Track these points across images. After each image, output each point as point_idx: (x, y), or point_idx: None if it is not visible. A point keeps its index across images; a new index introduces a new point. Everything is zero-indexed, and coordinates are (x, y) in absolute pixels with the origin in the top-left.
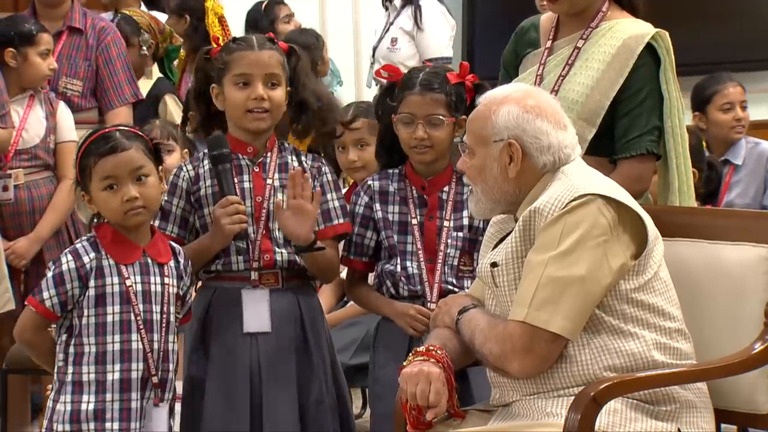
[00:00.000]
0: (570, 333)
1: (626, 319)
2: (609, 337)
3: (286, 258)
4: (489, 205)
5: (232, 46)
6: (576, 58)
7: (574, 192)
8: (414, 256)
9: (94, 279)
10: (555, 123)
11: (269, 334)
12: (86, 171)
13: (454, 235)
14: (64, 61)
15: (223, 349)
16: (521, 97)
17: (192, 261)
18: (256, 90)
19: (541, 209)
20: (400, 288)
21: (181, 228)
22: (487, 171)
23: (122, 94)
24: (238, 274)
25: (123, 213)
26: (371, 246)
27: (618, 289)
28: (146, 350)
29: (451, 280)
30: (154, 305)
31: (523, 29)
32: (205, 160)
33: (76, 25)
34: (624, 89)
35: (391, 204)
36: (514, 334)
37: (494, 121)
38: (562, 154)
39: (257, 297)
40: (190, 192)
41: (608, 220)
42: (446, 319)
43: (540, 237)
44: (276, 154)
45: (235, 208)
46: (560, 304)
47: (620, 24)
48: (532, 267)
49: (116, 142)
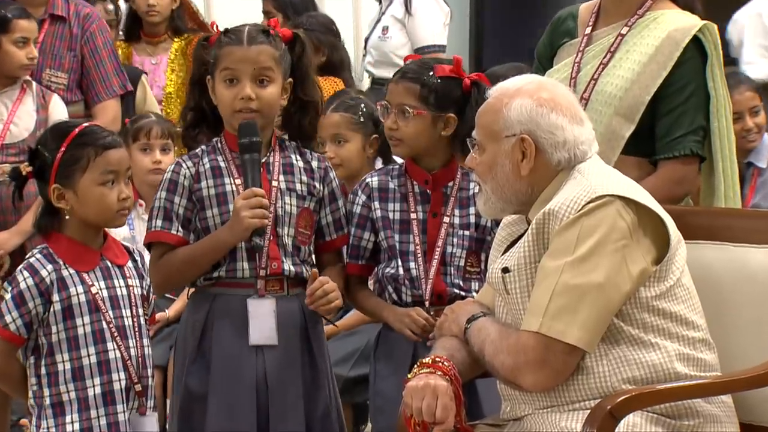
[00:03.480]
0: (587, 344)
1: (646, 329)
2: (628, 347)
3: (293, 269)
4: (499, 204)
5: (223, 39)
6: (618, 47)
7: (591, 192)
8: (415, 257)
9: (57, 292)
10: (571, 117)
11: (276, 346)
12: (78, 162)
13: (461, 234)
14: (48, 52)
15: (226, 362)
16: (535, 89)
17: (202, 259)
18: (244, 89)
19: (555, 211)
20: (402, 293)
21: (185, 228)
22: (498, 168)
23: (110, 86)
24: (242, 281)
25: (115, 211)
26: (368, 248)
27: (638, 297)
28: (124, 358)
29: (458, 282)
30: (124, 310)
31: (560, 19)
32: (205, 158)
33: (58, 12)
34: (667, 85)
35: (391, 201)
36: (527, 346)
37: (506, 114)
38: (578, 151)
39: (264, 307)
40: (191, 191)
41: (628, 223)
42: (454, 327)
43: (555, 241)
44: (279, 153)
45: (258, 201)
46: (577, 314)
47: (666, 15)
48: (546, 273)
49: (113, 137)
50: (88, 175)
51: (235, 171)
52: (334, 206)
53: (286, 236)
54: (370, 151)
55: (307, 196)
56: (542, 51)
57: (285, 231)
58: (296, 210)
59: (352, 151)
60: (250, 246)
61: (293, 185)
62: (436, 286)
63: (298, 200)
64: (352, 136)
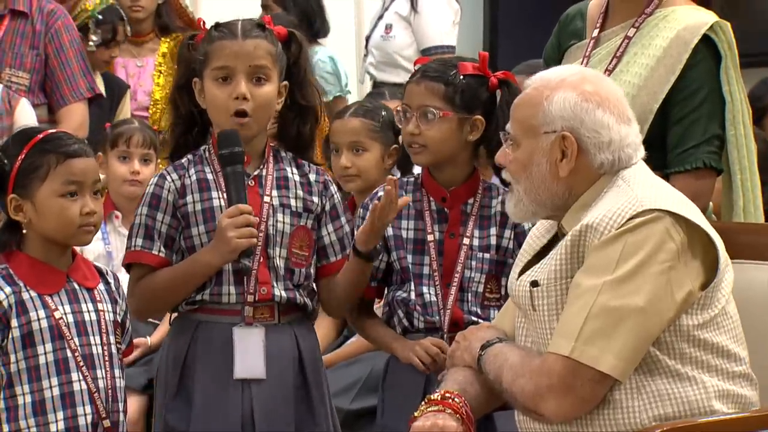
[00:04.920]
0: (621, 373)
1: (684, 361)
2: (664, 380)
3: (285, 295)
4: (531, 207)
5: (213, 34)
6: (625, 51)
7: (638, 205)
8: (431, 280)
9: (16, 317)
10: (618, 115)
11: (264, 380)
12: (37, 171)
13: (480, 257)
14: (7, 50)
15: (209, 398)
16: (578, 82)
17: (183, 283)
18: (238, 87)
19: (595, 226)
20: (414, 319)
21: (167, 248)
22: (534, 167)
23: (76, 88)
24: (228, 307)
25: (77, 227)
26: (380, 269)
27: (678, 325)
28: (91, 390)
29: (475, 310)
30: (92, 337)
31: (568, 18)
32: (191, 169)
33: (19, 7)
34: (677, 90)
35: (405, 219)
36: (553, 370)
37: (547, 108)
38: (623, 154)
39: (251, 337)
40: (176, 206)
41: (677, 244)
42: (466, 356)
43: (593, 257)
44: (272, 166)
45: (245, 219)
46: (613, 340)
47: (677, 12)
48: (581, 292)
49: (80, 145)
50: (47, 185)
51: (224, 184)
52: (337, 224)
53: (278, 258)
54: (389, 162)
55: (303, 212)
56: (550, 53)
57: (276, 252)
58: (290, 228)
59: (370, 162)
60: (237, 268)
61: (287, 201)
62: (454, 314)
63: (292, 217)
64: (371, 145)
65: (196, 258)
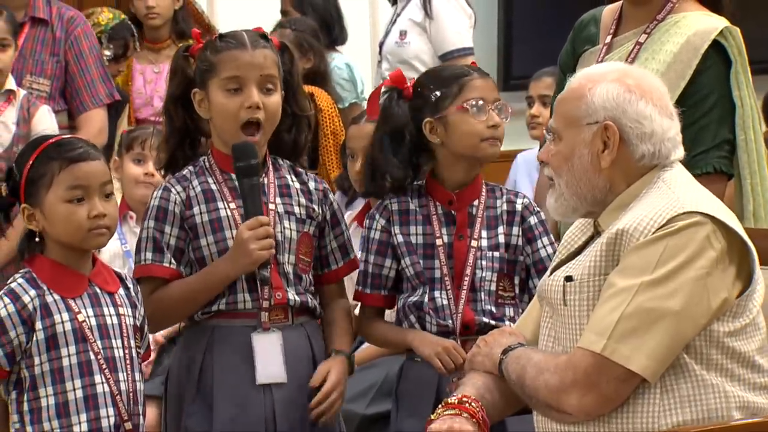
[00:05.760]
0: (651, 374)
1: (710, 367)
2: (689, 385)
3: (297, 299)
4: (572, 201)
5: (219, 44)
6: (636, 56)
7: (678, 207)
8: (442, 284)
9: (40, 320)
10: (661, 108)
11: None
12: (42, 179)
13: (489, 256)
14: (28, 57)
15: (231, 402)
16: (621, 76)
17: (200, 294)
18: (251, 97)
19: (633, 228)
20: (427, 323)
21: (177, 260)
22: (576, 158)
23: (96, 94)
24: (243, 311)
25: (86, 231)
26: (391, 277)
27: (710, 330)
28: (114, 393)
29: (489, 309)
30: (114, 340)
31: (582, 23)
32: (194, 180)
33: (39, 15)
34: (687, 95)
35: (413, 224)
36: (579, 365)
37: (590, 99)
38: (664, 147)
39: (270, 342)
40: (183, 218)
41: (717, 252)
42: (486, 362)
43: (631, 257)
44: (273, 174)
45: (265, 231)
46: (646, 340)
47: (687, 18)
48: (617, 291)
49: (85, 148)
50: (52, 191)
51: (228, 194)
52: (337, 230)
53: (287, 264)
54: None
55: (306, 219)
56: (565, 59)
57: (286, 258)
58: (296, 235)
59: None
60: (258, 279)
61: (291, 208)
62: (465, 316)
63: (297, 224)
64: None
65: (212, 270)
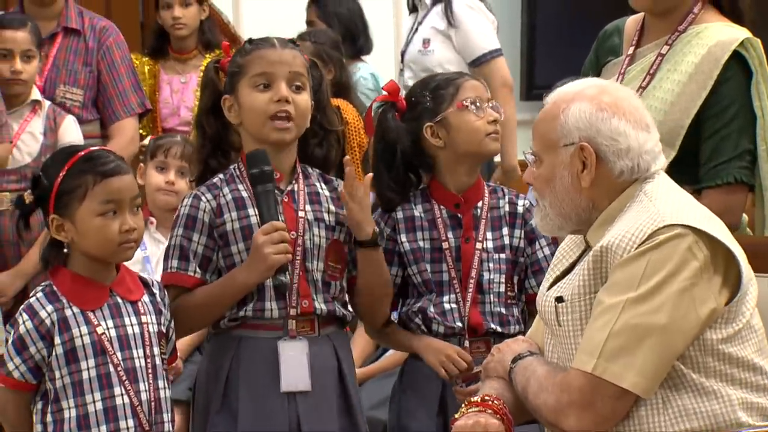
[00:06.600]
0: (644, 390)
1: (708, 374)
2: (689, 395)
3: (324, 307)
4: (557, 221)
5: (247, 47)
6: (658, 68)
7: (659, 221)
8: (450, 287)
9: (59, 334)
10: (635, 122)
11: (309, 392)
12: (76, 192)
13: (496, 258)
14: (61, 67)
15: (256, 411)
16: (595, 94)
17: (219, 302)
18: (280, 91)
19: (615, 247)
20: (433, 325)
21: (203, 269)
22: (557, 180)
23: (128, 104)
24: (269, 322)
25: (117, 244)
26: (396, 284)
27: (703, 339)
28: (134, 404)
29: (499, 310)
30: (135, 350)
31: (606, 34)
32: (224, 188)
33: (72, 25)
34: (708, 106)
35: (419, 230)
36: (573, 385)
37: (563, 121)
38: (642, 161)
39: (296, 350)
40: (213, 226)
41: (700, 262)
42: (499, 369)
43: (617, 274)
44: (302, 182)
45: (281, 235)
46: (636, 357)
47: (709, 29)
48: (604, 309)
49: (117, 162)
50: (86, 204)
51: (256, 202)
52: None
53: (316, 271)
54: None
55: (336, 226)
56: (588, 69)
57: (314, 265)
58: (325, 242)
59: None
60: (274, 284)
61: (321, 215)
62: (472, 318)
63: (327, 231)
64: None
65: (231, 277)
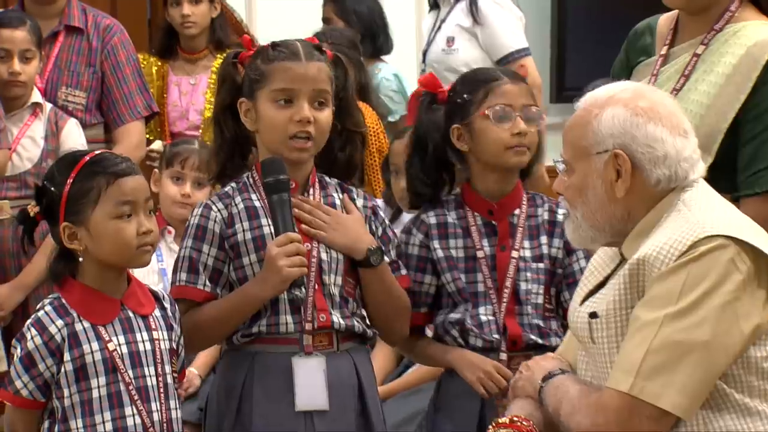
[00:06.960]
0: (685, 412)
1: (753, 394)
2: (732, 416)
3: (342, 322)
4: (590, 233)
5: (271, 53)
6: (693, 69)
7: (700, 231)
8: (486, 298)
9: (68, 350)
10: (672, 128)
11: (327, 411)
12: (88, 195)
13: (534, 267)
14: (63, 69)
15: (270, 430)
16: (630, 98)
17: (231, 317)
18: (302, 110)
19: (654, 257)
20: (471, 338)
21: (213, 281)
22: (589, 190)
23: (133, 107)
24: (285, 336)
25: (135, 248)
26: (430, 293)
27: (747, 357)
28: (146, 425)
29: (537, 323)
30: (147, 368)
31: (637, 33)
32: (237, 197)
33: (75, 23)
34: (747, 109)
35: (453, 238)
36: (609, 406)
37: (596, 127)
38: (680, 169)
39: (312, 367)
40: (224, 237)
41: (743, 274)
42: (528, 388)
43: (655, 288)
44: (319, 192)
45: (295, 247)
46: (676, 375)
47: (747, 28)
48: (642, 325)
49: (127, 163)
50: (100, 208)
51: (270, 212)
52: (388, 247)
53: (333, 285)
54: None
55: None
56: (618, 69)
57: (332, 279)
58: (343, 256)
59: None
60: (288, 298)
61: None
62: (511, 331)
63: None
64: None
65: (244, 291)
